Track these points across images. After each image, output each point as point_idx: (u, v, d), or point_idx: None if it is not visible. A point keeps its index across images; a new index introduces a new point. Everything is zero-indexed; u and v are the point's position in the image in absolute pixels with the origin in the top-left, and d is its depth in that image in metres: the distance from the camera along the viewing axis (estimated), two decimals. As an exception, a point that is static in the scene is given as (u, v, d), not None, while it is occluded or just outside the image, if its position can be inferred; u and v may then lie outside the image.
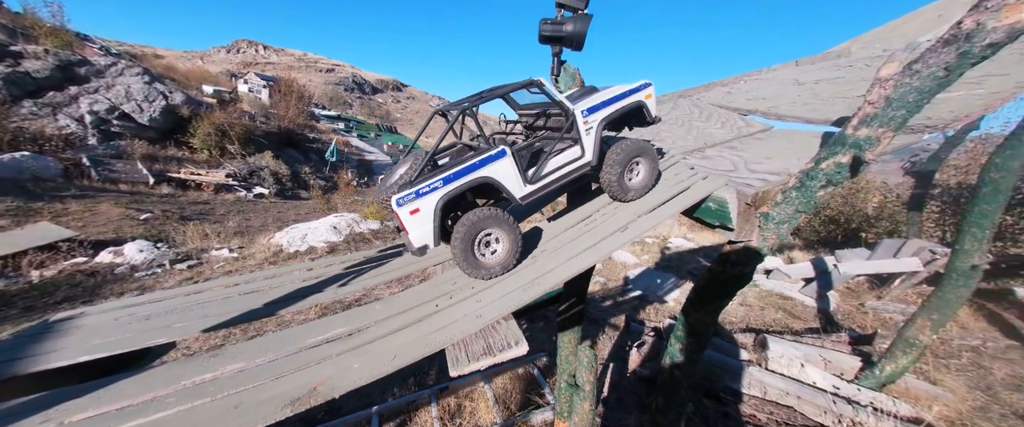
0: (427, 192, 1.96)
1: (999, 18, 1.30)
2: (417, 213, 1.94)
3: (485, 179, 2.09)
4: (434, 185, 1.97)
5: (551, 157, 2.31)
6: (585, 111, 2.37)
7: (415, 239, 1.97)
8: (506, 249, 2.05)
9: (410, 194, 1.93)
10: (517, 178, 2.19)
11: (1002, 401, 4.64)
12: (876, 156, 1.70)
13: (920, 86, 1.51)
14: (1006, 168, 3.90)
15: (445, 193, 1.99)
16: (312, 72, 64.57)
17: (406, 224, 1.95)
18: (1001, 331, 6.19)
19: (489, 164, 2.09)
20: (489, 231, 2.04)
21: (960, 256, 4.24)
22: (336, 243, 12.00)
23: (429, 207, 1.96)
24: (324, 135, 34.03)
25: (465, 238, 1.97)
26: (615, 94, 2.49)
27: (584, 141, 2.36)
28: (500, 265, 2.02)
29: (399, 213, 1.94)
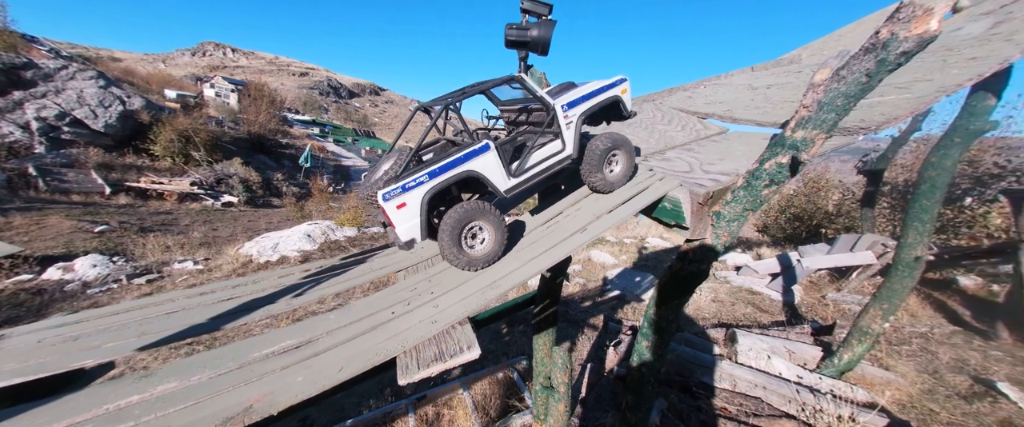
0: (413, 186, 1.98)
1: (909, 29, 1.41)
2: (404, 207, 1.96)
3: (470, 173, 2.12)
4: (420, 179, 1.99)
5: (533, 151, 2.36)
6: (565, 106, 2.44)
7: (402, 233, 1.99)
8: (492, 240, 2.10)
9: (396, 189, 1.95)
10: (501, 172, 2.24)
11: (947, 383, 4.97)
12: (811, 156, 1.80)
13: (846, 91, 1.61)
14: (941, 166, 4.22)
15: (431, 187, 2.02)
16: (284, 76, 62.65)
17: (393, 218, 1.96)
18: (946, 317, 6.65)
19: (474, 158, 2.13)
20: (475, 223, 2.08)
21: (905, 249, 4.54)
22: (310, 252, 11.63)
23: (416, 201, 1.98)
24: (298, 140, 33.07)
25: (452, 231, 2.00)
26: (593, 89, 2.56)
27: (565, 135, 2.43)
28: (487, 256, 2.07)
29: (385, 208, 1.95)
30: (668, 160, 2.80)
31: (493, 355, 7.26)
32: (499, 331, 8.30)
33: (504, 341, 7.93)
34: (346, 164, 32.40)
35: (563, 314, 8.74)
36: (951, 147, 4.11)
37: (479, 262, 2.06)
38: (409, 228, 2.00)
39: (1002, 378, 4.82)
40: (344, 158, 34.20)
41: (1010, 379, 4.82)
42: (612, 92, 2.59)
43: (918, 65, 2.57)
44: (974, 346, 5.68)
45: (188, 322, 1.70)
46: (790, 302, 8.13)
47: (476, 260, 2.05)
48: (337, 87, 69.31)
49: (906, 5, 1.41)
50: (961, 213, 8.52)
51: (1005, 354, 5.39)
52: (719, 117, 3.20)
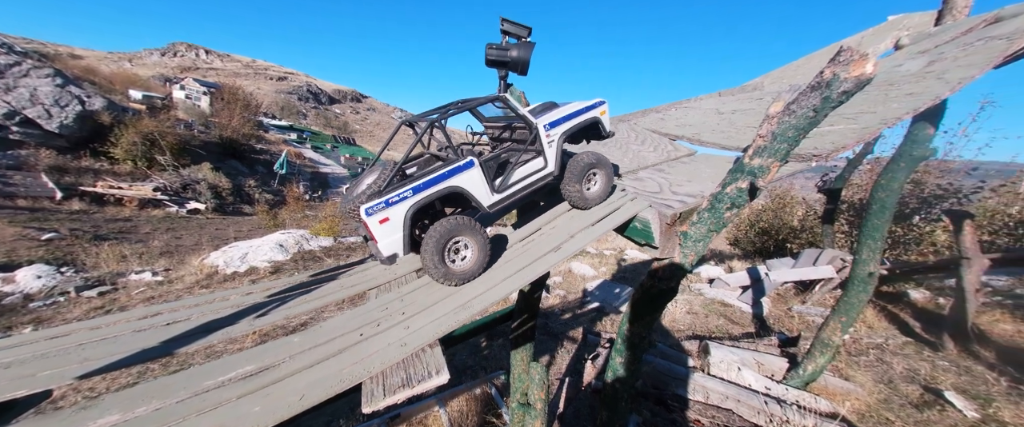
0: (397, 201, 2.00)
1: (849, 71, 1.55)
2: (387, 222, 1.98)
3: (454, 188, 2.16)
4: (404, 194, 2.02)
5: (516, 168, 2.44)
6: (547, 125, 2.54)
7: (384, 248, 1.99)
8: (474, 256, 2.13)
9: (380, 204, 1.96)
10: (485, 187, 2.29)
11: (900, 393, 5.25)
12: (767, 183, 1.92)
13: (796, 123, 1.74)
14: (889, 188, 4.56)
15: (414, 202, 2.04)
16: (261, 80, 60.93)
17: (375, 233, 1.97)
18: (899, 329, 7.07)
19: (458, 174, 2.18)
20: (459, 238, 2.10)
21: (859, 265, 4.84)
22: (281, 262, 11.18)
23: (399, 216, 2.00)
24: (273, 146, 32.09)
25: (436, 245, 2.02)
26: (574, 110, 2.68)
27: (547, 153, 2.52)
28: (469, 272, 2.09)
29: (368, 222, 1.95)
30: (640, 180, 2.90)
31: (471, 370, 7.14)
32: (478, 345, 8.19)
33: (483, 355, 7.82)
34: (324, 171, 31.60)
35: (543, 327, 8.72)
36: (897, 171, 4.46)
37: (461, 277, 2.07)
38: (391, 243, 2.00)
39: (948, 387, 5.14)
40: (322, 165, 33.36)
41: (956, 388, 5.15)
42: (592, 113, 2.72)
43: (864, 98, 2.80)
44: (924, 356, 6.05)
45: (138, 346, 1.60)
46: (759, 314, 8.43)
47: (458, 275, 2.07)
48: (317, 93, 67.92)
49: (845, 50, 1.55)
50: (910, 230, 9.17)
51: (951, 364, 5.77)
52: (688, 139, 3.35)
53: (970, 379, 5.40)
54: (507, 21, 3.43)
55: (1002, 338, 6.39)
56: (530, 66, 3.52)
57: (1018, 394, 4.93)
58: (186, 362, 5.70)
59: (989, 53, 2.67)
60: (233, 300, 2.00)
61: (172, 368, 5.74)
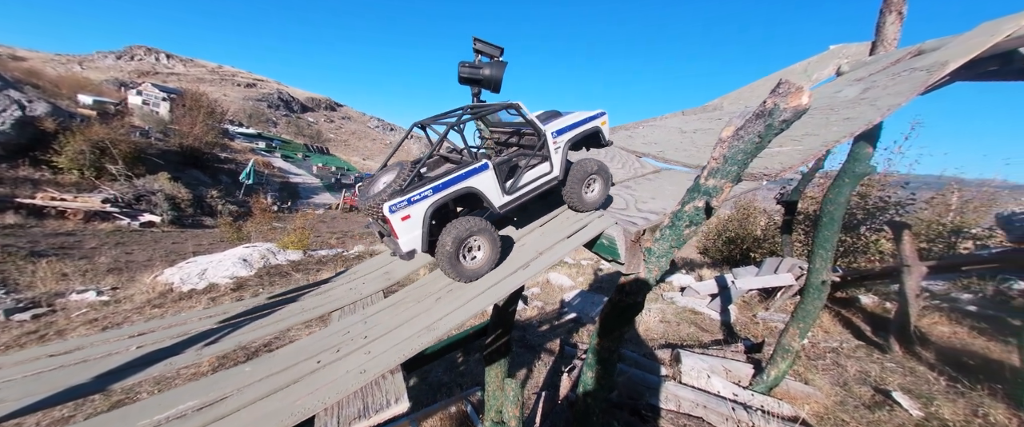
0: (418, 200, 2.12)
1: (787, 102, 1.68)
2: (408, 219, 2.09)
3: (470, 189, 2.30)
4: (425, 193, 2.14)
5: (525, 171, 2.59)
6: (555, 132, 2.70)
7: (404, 244, 2.10)
8: (486, 255, 2.28)
9: (402, 201, 2.08)
10: (497, 189, 2.43)
11: (854, 394, 5.57)
12: (721, 202, 2.03)
13: (744, 148, 1.87)
14: (836, 202, 4.92)
15: (434, 201, 2.17)
16: (228, 86, 58.43)
17: (397, 229, 2.08)
18: (852, 333, 7.53)
19: (474, 176, 2.32)
20: (475, 239, 2.25)
21: (813, 274, 5.15)
22: (245, 279, 10.59)
23: (419, 214, 2.12)
24: (240, 155, 30.73)
25: (453, 244, 2.15)
26: (579, 119, 2.86)
27: (553, 158, 2.68)
28: (480, 270, 2.24)
29: (391, 219, 2.05)
30: (610, 195, 2.99)
31: (446, 387, 6.96)
32: (454, 361, 8.01)
33: (459, 371, 7.66)
34: (295, 181, 30.46)
35: (520, 339, 8.66)
36: (843, 186, 4.82)
37: (473, 275, 2.20)
38: (411, 238, 2.12)
39: (896, 387, 5.50)
40: (293, 175, 32.16)
41: (902, 388, 5.51)
42: (594, 123, 2.92)
43: (808, 122, 3.04)
44: (874, 358, 6.46)
45: (66, 381, 1.45)
46: (727, 321, 8.75)
47: (470, 273, 2.20)
48: (288, 100, 65.78)
49: (783, 83, 1.69)
50: (858, 240, 9.88)
51: (897, 365, 6.19)
52: (653, 157, 3.50)
53: (914, 379, 5.80)
54: (479, 41, 3.50)
55: (940, 339, 6.94)
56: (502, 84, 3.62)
57: (955, 392, 5.34)
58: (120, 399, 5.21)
59: (913, 83, 2.98)
60: (179, 328, 1.87)
61: (117, 397, 5.25)
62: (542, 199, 2.91)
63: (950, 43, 3.34)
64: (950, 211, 10.82)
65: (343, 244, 16.88)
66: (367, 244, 16.65)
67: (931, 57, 3.20)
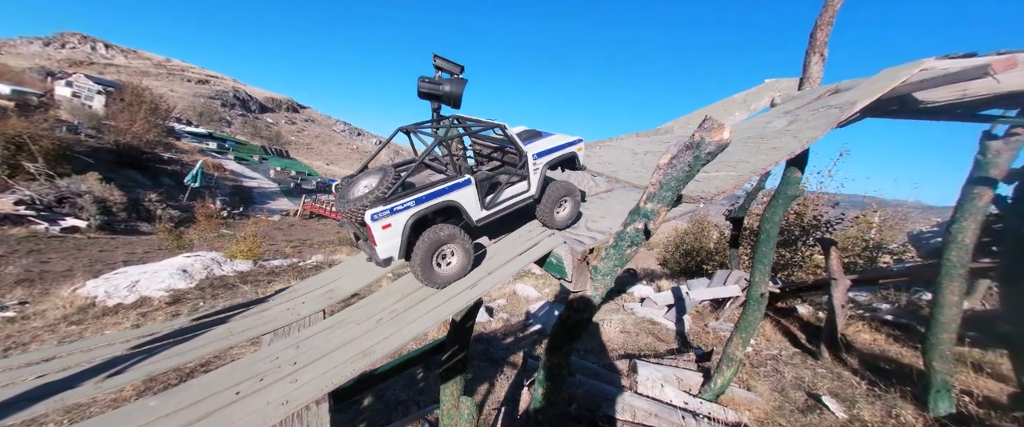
0: (400, 210, 2.20)
1: (711, 136, 1.84)
2: (389, 228, 2.16)
3: (451, 203, 2.39)
4: (407, 204, 2.23)
5: (504, 188, 2.72)
6: (536, 155, 2.86)
7: (382, 251, 2.17)
8: (459, 262, 2.37)
9: (385, 210, 2.14)
10: (476, 204, 2.54)
11: (790, 399, 5.99)
12: (658, 225, 2.16)
13: (677, 175, 2.01)
14: (772, 220, 5.37)
15: (416, 212, 2.25)
16: (177, 81, 54.12)
17: (376, 237, 2.13)
18: (790, 341, 8.14)
19: (456, 190, 2.43)
20: (449, 246, 2.34)
21: (753, 287, 5.55)
22: (183, 291, 9.72)
23: (400, 223, 2.20)
24: (187, 155, 28.51)
25: (427, 251, 2.23)
26: (559, 144, 3.06)
27: (532, 178, 2.84)
28: (453, 276, 2.33)
29: (372, 226, 2.11)
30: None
31: (404, 406, 6.71)
32: (413, 377, 7.75)
33: (418, 388, 7.42)
34: (249, 185, 28.56)
35: (484, 353, 8.55)
36: (777, 207, 5.28)
37: (446, 281, 2.30)
38: (390, 247, 2.18)
39: (825, 392, 5.98)
40: (247, 178, 30.14)
41: (830, 392, 6.01)
42: (571, 149, 3.13)
43: (743, 149, 3.32)
44: (808, 365, 7.01)
45: None
46: (681, 331, 9.15)
47: (443, 279, 2.30)
48: (246, 99, 61.90)
49: (708, 119, 1.85)
50: (797, 254, 10.79)
51: (827, 371, 6.75)
52: (606, 176, 3.66)
53: (841, 384, 6.35)
54: (439, 58, 3.53)
55: (863, 346, 7.67)
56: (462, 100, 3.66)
57: (874, 395, 5.90)
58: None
59: (828, 118, 3.35)
60: (78, 356, 1.66)
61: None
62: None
63: (860, 85, 3.80)
64: (872, 228, 12.11)
65: (300, 253, 15.97)
66: (327, 253, 15.87)
67: (844, 96, 3.63)
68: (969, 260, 4.70)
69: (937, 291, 4.82)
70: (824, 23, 4.44)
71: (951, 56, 3.49)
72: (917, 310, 8.91)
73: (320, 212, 25.59)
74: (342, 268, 2.94)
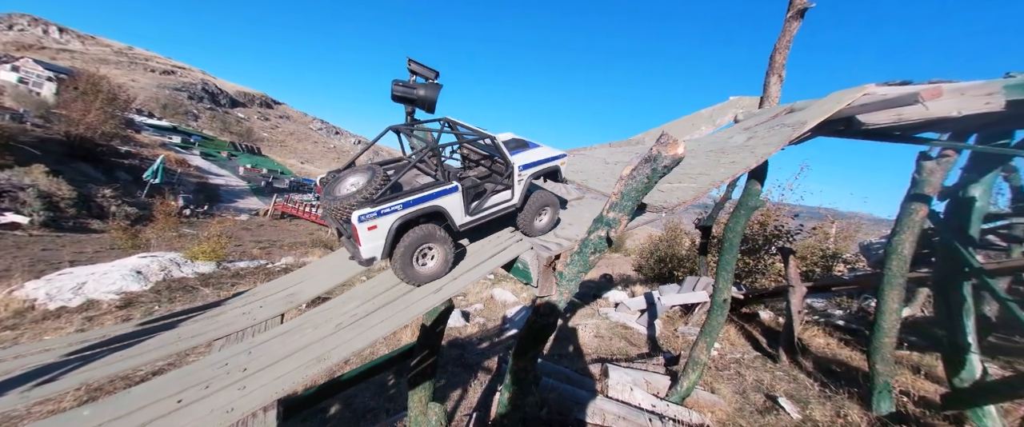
0: (388, 213, 2.27)
1: (667, 151, 1.95)
2: (374, 230, 2.22)
3: (436, 208, 2.47)
4: (394, 208, 2.29)
5: (489, 196, 2.81)
6: (522, 166, 2.97)
7: (366, 251, 2.22)
8: (439, 260, 2.46)
9: (372, 212, 2.19)
10: (461, 210, 2.63)
11: (751, 401, 6.26)
12: (619, 233, 2.25)
13: (636, 187, 2.11)
14: (735, 230, 5.65)
15: (402, 216, 2.31)
16: (139, 71, 50.91)
17: (361, 237, 2.19)
18: (752, 345, 8.52)
19: (443, 196, 2.51)
20: (428, 246, 2.42)
21: (717, 293, 5.80)
22: (137, 294, 9.13)
23: (386, 225, 2.26)
24: (148, 149, 26.93)
25: (407, 250, 2.31)
26: (545, 157, 3.18)
27: (516, 188, 2.94)
28: (433, 274, 2.41)
29: (358, 227, 2.17)
30: (531, 221, 3.12)
31: (373, 413, 6.56)
32: (384, 383, 7.59)
33: (389, 395, 7.26)
34: (215, 183, 27.19)
35: (458, 358, 8.47)
36: (739, 217, 5.57)
37: (426, 278, 2.38)
38: (374, 247, 2.24)
39: (782, 394, 6.30)
40: (214, 176, 28.69)
41: (787, 394, 6.33)
42: (556, 163, 3.26)
43: (705, 163, 3.50)
44: (767, 368, 7.36)
45: None
46: (652, 335, 9.40)
47: (423, 277, 2.37)
48: (215, 93, 58.95)
49: (664, 135, 1.95)
50: (760, 262, 11.35)
51: (784, 373, 7.11)
52: (578, 184, 3.76)
53: (796, 386, 6.70)
54: (414, 62, 3.54)
55: (818, 350, 8.13)
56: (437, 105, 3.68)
57: (825, 397, 6.26)
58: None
59: (782, 136, 3.59)
60: (9, 363, 1.53)
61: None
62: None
63: (811, 106, 4.10)
64: (828, 239, 12.90)
65: (269, 255, 15.35)
66: (297, 255, 15.32)
67: (796, 116, 3.90)
68: (908, 270, 5.10)
69: (880, 298, 5.20)
70: (782, 46, 4.76)
71: (889, 83, 3.83)
72: (866, 316, 9.55)
73: (293, 212, 24.67)
74: (307, 271, 2.87)
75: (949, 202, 5.27)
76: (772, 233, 11.24)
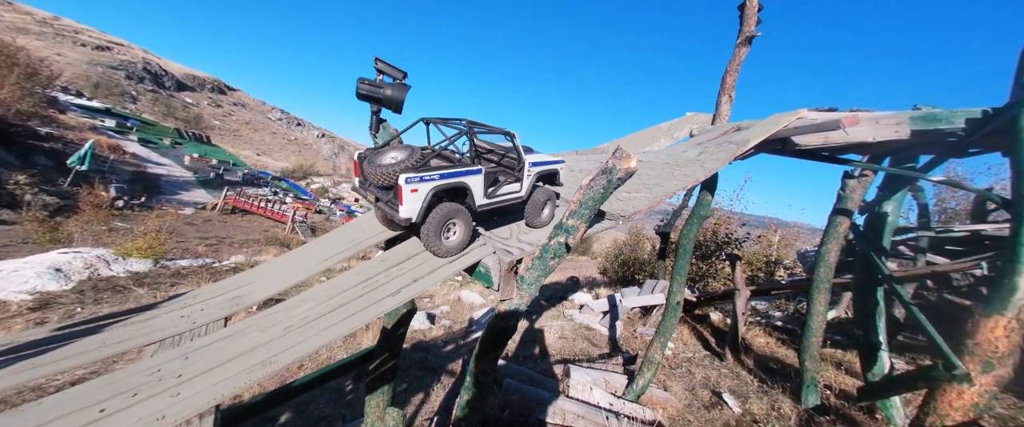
0: (428, 180, 2.63)
1: (621, 165, 2.08)
2: (416, 192, 2.59)
3: (464, 184, 2.86)
4: (432, 177, 2.66)
5: (503, 185, 3.22)
6: (531, 164, 3.37)
7: (405, 211, 2.58)
8: (460, 236, 2.79)
9: (416, 177, 2.58)
10: (481, 191, 3.01)
11: (699, 397, 6.68)
12: (577, 241, 2.35)
13: (593, 196, 2.22)
14: (688, 237, 6.03)
15: (438, 185, 2.69)
16: (66, 44, 45.27)
17: (404, 197, 2.55)
18: (702, 344, 9.09)
19: (470, 176, 2.91)
20: (455, 221, 2.76)
21: (671, 295, 6.15)
22: (55, 294, 8.16)
23: (425, 190, 2.63)
24: (74, 132, 24.06)
25: (439, 222, 2.66)
26: (549, 160, 3.59)
27: (524, 182, 3.34)
28: (454, 248, 2.76)
29: (403, 187, 2.53)
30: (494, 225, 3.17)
31: (328, 420, 6.29)
32: (341, 388, 7.30)
33: (346, 401, 6.99)
34: (155, 172, 24.78)
35: (421, 361, 8.32)
36: (692, 224, 5.95)
37: (447, 251, 2.71)
38: (412, 208, 2.59)
39: (726, 390, 6.78)
40: (153, 164, 26.13)
41: (730, 390, 6.82)
42: (556, 167, 3.65)
43: (661, 174, 3.73)
44: (714, 366, 7.89)
45: None
46: (613, 336, 9.75)
47: (446, 249, 2.71)
48: (159, 74, 53.58)
49: (619, 149, 2.08)
50: (712, 267, 12.15)
51: (729, 371, 7.66)
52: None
53: (739, 382, 7.24)
54: (381, 61, 3.49)
55: (759, 349, 8.84)
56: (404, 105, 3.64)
57: (762, 391, 6.82)
58: None
59: (728, 152, 3.90)
60: None
61: None
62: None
63: (755, 126, 4.49)
64: (771, 246, 14.03)
65: (216, 253, 14.25)
66: (249, 254, 14.36)
67: (742, 134, 4.25)
68: (833, 276, 5.70)
69: (809, 301, 5.76)
70: (732, 69, 5.17)
71: (819, 109, 4.29)
72: (800, 317, 10.51)
73: (246, 207, 22.99)
74: (258, 271, 2.73)
75: (867, 216, 5.97)
76: (723, 240, 12.09)
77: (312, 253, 2.93)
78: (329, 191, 37.87)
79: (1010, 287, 3.01)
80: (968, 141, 3.67)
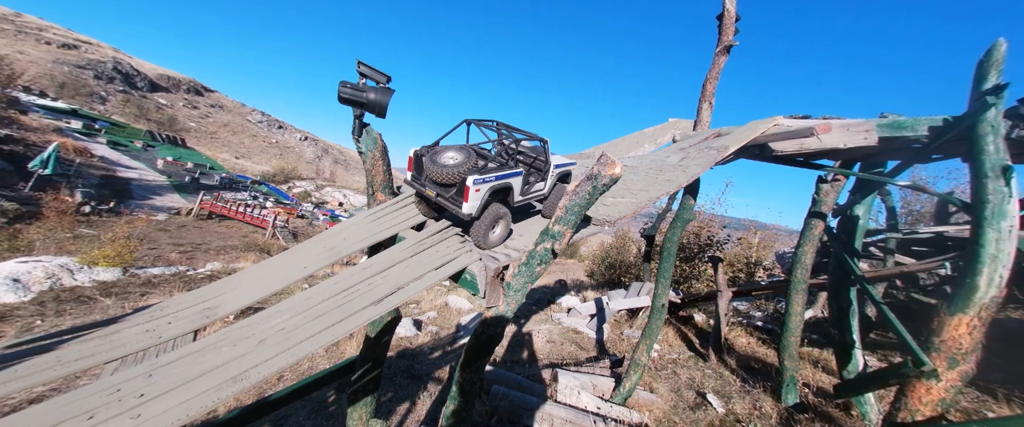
0: (489, 181, 2.91)
1: (606, 171, 2.09)
2: (478, 192, 2.83)
3: (509, 185, 3.12)
4: (490, 178, 2.92)
5: (533, 184, 3.53)
6: (555, 166, 3.70)
7: (467, 208, 2.82)
8: (500, 233, 3.06)
9: (480, 179, 2.83)
10: (519, 190, 3.27)
11: (684, 398, 6.76)
12: (563, 246, 2.35)
13: (579, 202, 2.22)
14: (672, 240, 6.13)
15: (493, 186, 2.95)
16: (30, 42, 42.97)
17: (470, 196, 2.79)
18: (687, 345, 9.23)
19: (515, 176, 3.18)
20: (501, 219, 3.03)
21: (656, 298, 6.23)
22: (12, 306, 7.67)
23: (486, 188, 2.89)
24: (37, 134, 22.87)
25: (492, 218, 2.94)
26: (566, 162, 3.88)
27: (548, 182, 3.67)
28: (495, 242, 3.02)
29: (470, 187, 2.77)
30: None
31: (307, 433, 6.07)
32: (323, 400, 7.08)
33: (329, 413, 6.78)
34: (126, 176, 23.68)
35: (407, 369, 8.15)
36: (676, 229, 6.06)
37: (490, 245, 2.97)
38: (474, 205, 2.83)
39: (709, 390, 6.89)
40: (123, 168, 24.96)
41: (714, 390, 6.93)
42: (570, 167, 3.94)
43: (645, 180, 3.78)
44: (698, 367, 8.01)
45: None
46: (600, 339, 9.80)
47: (490, 243, 2.96)
48: (131, 74, 51.35)
49: (603, 155, 2.09)
50: (695, 269, 12.39)
51: (713, 371, 7.79)
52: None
53: (722, 382, 7.37)
54: (364, 65, 3.42)
55: (741, 349, 9.03)
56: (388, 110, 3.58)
57: (745, 391, 6.96)
58: None
59: (709, 158, 3.99)
60: None
61: None
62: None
63: (734, 132, 4.61)
64: (751, 248, 14.42)
65: (190, 260, 13.69)
66: (226, 261, 13.86)
67: (722, 140, 4.37)
68: (809, 277, 5.89)
69: (787, 302, 5.92)
70: (712, 77, 5.31)
71: (794, 116, 4.45)
72: (779, 317, 10.81)
73: (223, 212, 22.19)
74: (233, 281, 2.61)
75: (839, 219, 6.20)
76: (705, 242, 12.36)
77: (292, 260, 2.82)
78: (312, 195, 36.96)
79: (971, 286, 3.16)
80: (931, 147, 3.87)
